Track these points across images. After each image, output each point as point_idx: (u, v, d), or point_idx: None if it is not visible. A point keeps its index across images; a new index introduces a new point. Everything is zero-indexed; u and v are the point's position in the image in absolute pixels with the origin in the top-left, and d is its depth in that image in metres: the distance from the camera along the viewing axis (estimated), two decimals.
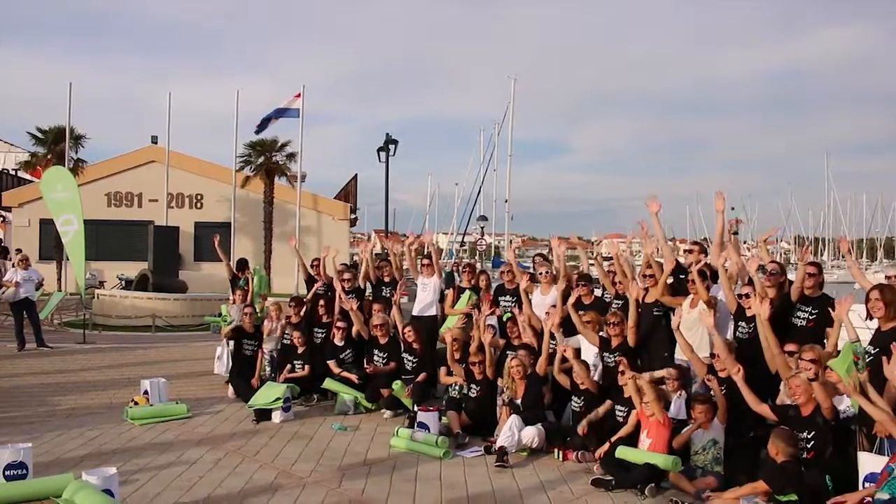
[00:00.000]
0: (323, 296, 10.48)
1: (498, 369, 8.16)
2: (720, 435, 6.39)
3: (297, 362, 9.73)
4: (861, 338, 6.01)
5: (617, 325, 7.67)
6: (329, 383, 9.32)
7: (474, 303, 9.58)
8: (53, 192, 15.96)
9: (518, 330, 8.61)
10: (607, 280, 8.87)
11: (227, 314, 11.50)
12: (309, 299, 10.59)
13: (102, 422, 8.36)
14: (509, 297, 9.48)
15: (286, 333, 10.09)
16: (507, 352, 8.40)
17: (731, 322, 7.30)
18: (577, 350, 7.89)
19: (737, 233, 7.89)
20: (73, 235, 15.73)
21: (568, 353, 7.61)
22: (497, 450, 7.00)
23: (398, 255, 10.97)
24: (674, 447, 6.40)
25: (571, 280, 8.76)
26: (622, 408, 7.08)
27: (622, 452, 6.47)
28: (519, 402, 7.61)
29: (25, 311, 14.11)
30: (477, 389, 8.22)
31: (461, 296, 10.00)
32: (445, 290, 10.32)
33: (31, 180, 32.24)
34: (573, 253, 13.51)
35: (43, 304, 16.82)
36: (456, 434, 7.64)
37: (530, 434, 7.20)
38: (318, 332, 10.16)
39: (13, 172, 35.87)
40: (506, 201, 40.30)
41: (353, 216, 37.11)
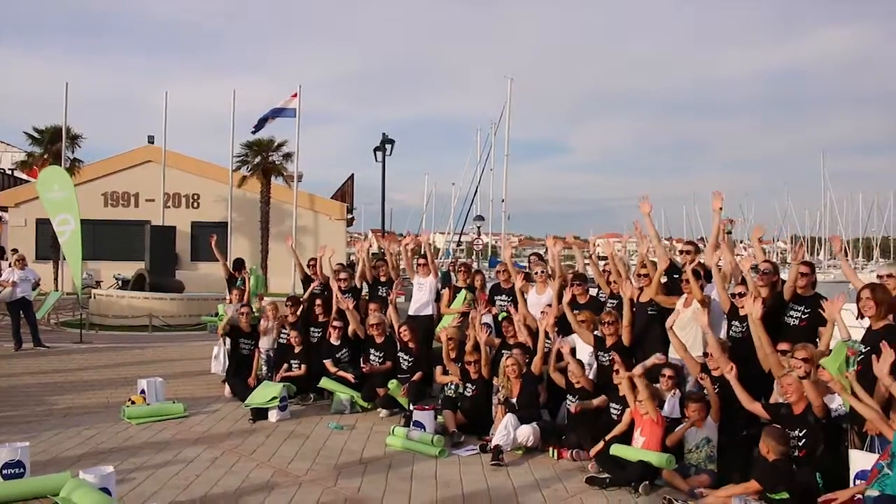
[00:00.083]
0: (319, 295, 10.51)
1: (493, 368, 8.20)
2: (713, 433, 6.44)
3: (293, 361, 9.76)
4: (853, 336, 6.07)
5: (611, 325, 7.71)
6: (325, 382, 9.36)
7: (470, 301, 9.63)
8: (50, 192, 15.99)
9: (514, 329, 8.65)
10: (602, 279, 8.92)
11: (224, 314, 11.53)
12: (305, 299, 10.63)
13: (99, 421, 8.38)
14: (505, 296, 9.51)
15: (283, 333, 10.12)
16: (503, 351, 8.44)
17: (725, 321, 7.34)
18: (573, 349, 7.93)
19: (730, 232, 7.93)
20: (69, 235, 15.77)
21: (564, 349, 7.66)
22: (492, 448, 7.04)
23: (394, 255, 11.01)
24: (667, 445, 6.45)
25: (567, 279, 8.81)
26: (616, 406, 7.13)
27: (616, 450, 6.51)
28: (514, 400, 7.66)
29: (22, 310, 14.12)
30: (472, 388, 8.26)
31: (457, 295, 10.03)
32: (441, 290, 10.36)
33: (27, 180, 32.28)
34: (570, 252, 13.56)
35: (40, 303, 16.83)
36: (452, 433, 7.68)
37: (525, 433, 7.24)
38: (315, 331, 10.19)
39: (9, 172, 35.92)
40: (502, 201, 40.44)
41: (350, 216, 37.19)
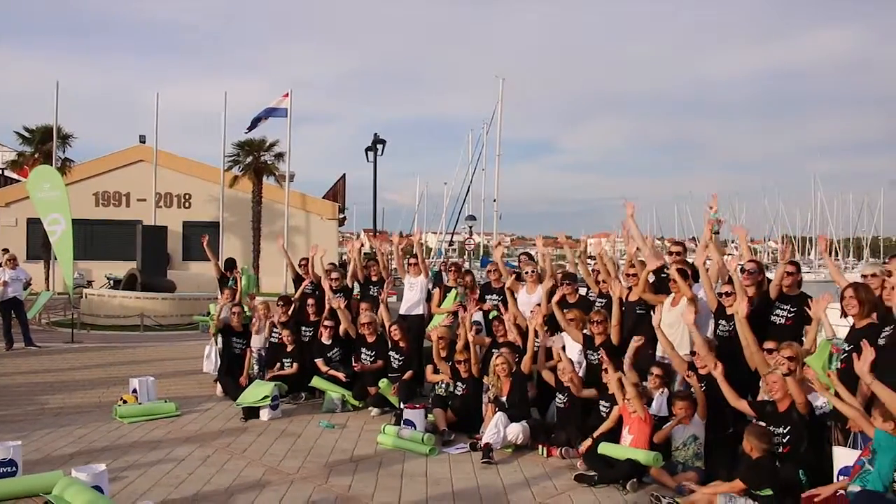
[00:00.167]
0: (311, 295, 10.56)
1: (484, 367, 8.26)
2: (700, 431, 6.51)
3: (285, 360, 9.81)
4: (839, 335, 6.16)
5: (600, 324, 7.78)
6: (317, 381, 9.41)
7: (461, 300, 9.69)
8: (41, 192, 15.97)
9: (504, 329, 8.72)
10: (591, 279, 8.99)
11: (215, 314, 11.56)
12: (297, 298, 10.67)
13: (91, 420, 8.41)
14: (495, 295, 9.58)
15: (274, 332, 10.17)
16: (493, 350, 8.50)
17: (712, 320, 7.42)
18: (562, 347, 8.00)
19: (717, 232, 8.01)
20: (60, 235, 15.75)
21: (556, 346, 7.73)
22: (482, 446, 7.10)
23: (385, 255, 11.07)
24: (654, 442, 6.51)
25: (556, 279, 8.88)
26: (606, 403, 7.20)
27: (605, 448, 6.57)
28: (504, 399, 7.72)
29: (13, 310, 14.13)
30: (463, 387, 8.32)
31: (447, 295, 10.10)
32: (432, 290, 10.41)
33: (18, 179, 32.16)
34: (562, 252, 13.64)
35: (31, 303, 16.81)
36: (442, 431, 7.74)
37: (515, 431, 7.31)
38: (306, 330, 10.23)
39: (0, 171, 35.74)
40: (494, 201, 40.45)
41: (342, 216, 37.20)
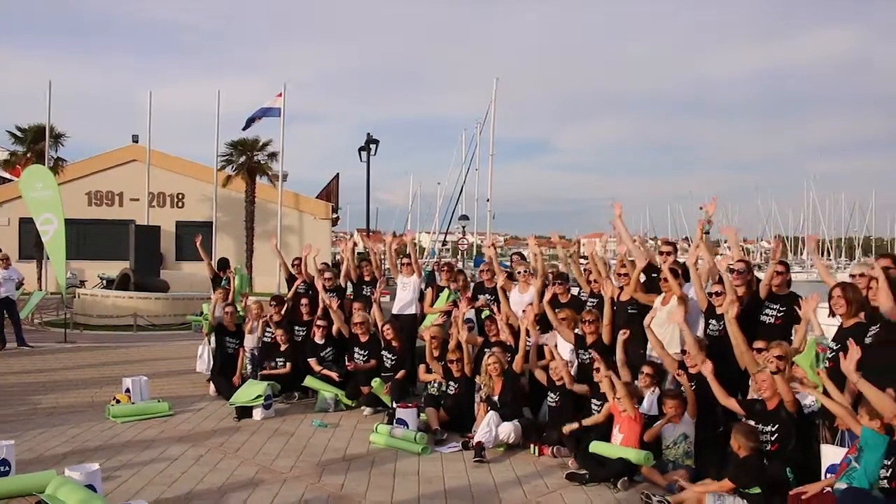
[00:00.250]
0: (304, 294, 10.58)
1: (476, 367, 8.30)
2: (690, 429, 6.57)
3: (279, 360, 9.83)
4: (827, 335, 6.21)
5: (592, 323, 7.83)
6: (310, 381, 9.43)
7: (453, 300, 9.72)
8: (33, 191, 15.95)
9: (497, 328, 8.76)
10: (583, 279, 9.04)
11: (208, 314, 11.57)
12: (290, 298, 10.69)
13: (84, 420, 8.42)
14: (488, 295, 9.62)
15: (267, 331, 10.18)
16: (486, 350, 8.54)
17: (702, 319, 7.47)
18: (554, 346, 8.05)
19: (707, 232, 8.07)
20: (53, 234, 15.72)
21: (549, 343, 7.79)
22: (474, 445, 7.14)
23: (378, 254, 11.10)
24: (645, 441, 6.56)
25: (547, 278, 8.92)
26: (597, 402, 7.24)
27: (596, 447, 6.61)
28: (496, 398, 7.76)
29: (6, 310, 14.10)
30: (455, 386, 8.36)
31: (440, 294, 10.13)
32: (425, 290, 10.45)
33: (10, 179, 32.07)
34: (555, 252, 13.67)
35: (23, 303, 16.79)
36: (434, 430, 7.77)
37: (507, 430, 7.35)
38: (299, 330, 10.24)
39: None
40: (487, 200, 40.54)
41: (335, 215, 37.23)
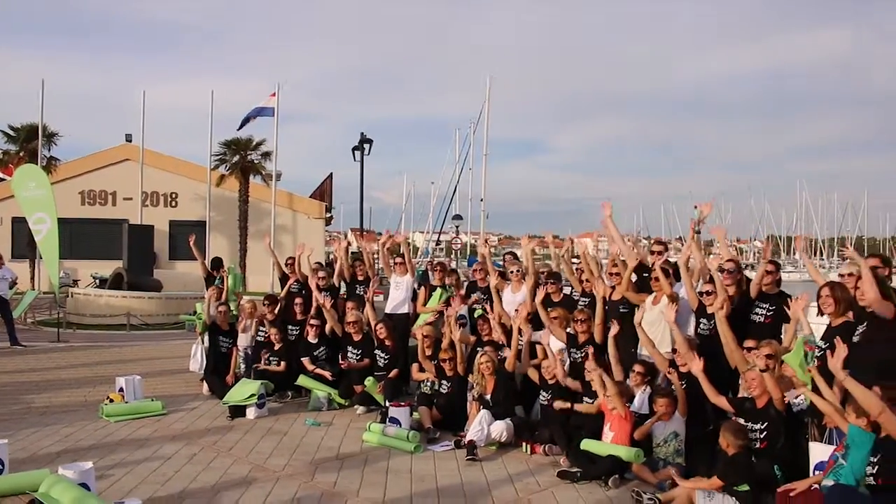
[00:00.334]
0: (297, 294, 10.61)
1: (468, 366, 8.34)
2: (681, 427, 6.62)
3: (272, 358, 9.85)
4: (817, 333, 6.27)
5: (584, 322, 7.88)
6: (303, 380, 9.45)
7: (446, 300, 9.76)
8: (26, 191, 15.93)
9: (489, 327, 8.80)
10: (574, 278, 9.09)
11: (202, 312, 11.59)
12: (283, 297, 10.72)
13: (78, 419, 8.42)
14: (481, 294, 9.66)
15: (261, 330, 10.21)
16: (479, 349, 8.58)
17: (693, 318, 7.53)
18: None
19: (699, 232, 8.12)
20: (46, 234, 15.71)
21: (544, 340, 7.85)
22: (467, 444, 7.18)
23: (371, 254, 11.12)
24: (635, 438, 6.61)
25: (541, 278, 8.96)
26: (590, 400, 7.30)
27: (587, 445, 6.66)
28: (488, 397, 7.81)
29: None
30: (448, 385, 8.40)
31: (433, 294, 10.16)
32: (418, 289, 10.48)
33: (2, 178, 31.95)
34: (548, 251, 13.72)
35: (16, 302, 16.76)
36: (427, 429, 7.80)
37: (499, 428, 7.39)
38: (293, 329, 10.27)
39: None
40: (481, 200, 40.57)
41: (329, 215, 37.25)
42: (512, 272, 9.36)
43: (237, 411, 8.63)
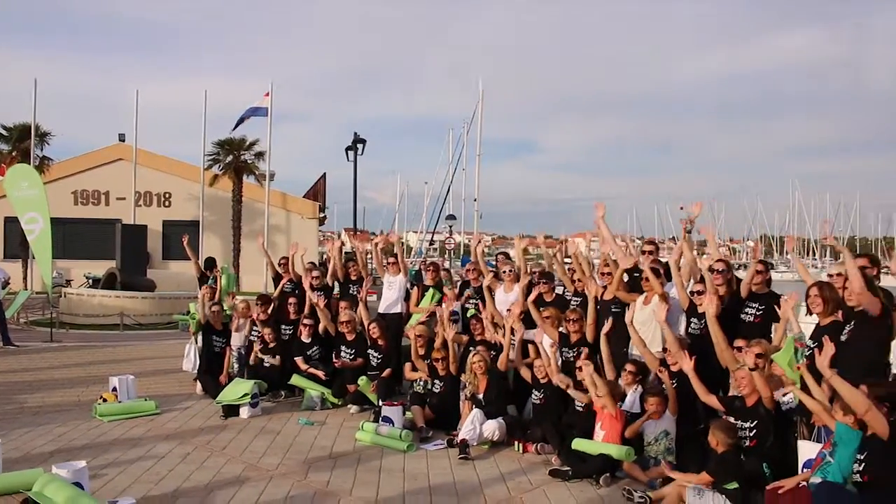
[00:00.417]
0: (291, 293, 10.63)
1: (461, 365, 8.38)
2: (672, 426, 6.67)
3: (266, 356, 9.86)
4: (806, 333, 6.33)
5: (576, 322, 7.93)
6: (296, 380, 9.47)
7: (438, 299, 9.80)
8: (18, 190, 15.91)
9: (482, 327, 8.84)
10: (567, 278, 9.13)
11: (196, 312, 11.60)
12: (276, 297, 10.74)
13: (71, 419, 8.43)
14: (472, 292, 9.70)
15: (254, 330, 10.22)
16: (471, 348, 8.62)
17: (683, 318, 7.57)
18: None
19: (690, 231, 8.16)
20: (38, 234, 15.70)
21: (537, 337, 7.89)
22: (459, 443, 7.22)
23: (364, 254, 11.16)
24: (626, 436, 6.66)
25: (534, 277, 9.01)
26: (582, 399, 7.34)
27: (578, 444, 6.71)
28: (481, 396, 7.85)
29: None
30: (440, 385, 8.44)
31: (426, 293, 10.20)
32: (411, 289, 10.51)
33: None
34: (540, 251, 13.76)
35: (9, 302, 16.73)
36: (420, 428, 7.84)
37: (491, 427, 7.44)
38: (286, 329, 10.29)
39: None
40: (475, 200, 40.64)
41: (322, 215, 37.25)
42: (504, 272, 9.40)
43: (230, 411, 8.65)
